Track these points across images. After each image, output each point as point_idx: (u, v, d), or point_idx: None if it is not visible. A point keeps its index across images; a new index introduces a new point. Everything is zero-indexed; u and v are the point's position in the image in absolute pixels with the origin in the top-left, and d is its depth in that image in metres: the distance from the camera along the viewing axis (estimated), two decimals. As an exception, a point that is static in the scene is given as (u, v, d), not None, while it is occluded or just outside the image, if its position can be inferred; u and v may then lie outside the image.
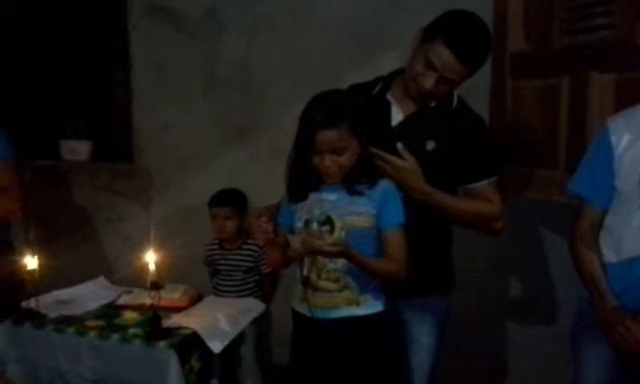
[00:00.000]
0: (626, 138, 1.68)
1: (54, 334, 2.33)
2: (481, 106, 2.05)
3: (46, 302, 2.48)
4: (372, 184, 1.75)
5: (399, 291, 1.83)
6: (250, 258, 2.93)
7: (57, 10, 3.53)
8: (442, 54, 1.72)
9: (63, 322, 2.38)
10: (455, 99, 1.90)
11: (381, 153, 1.77)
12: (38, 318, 2.39)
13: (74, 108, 3.53)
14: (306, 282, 1.75)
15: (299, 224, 1.77)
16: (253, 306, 2.66)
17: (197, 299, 2.66)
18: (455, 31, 1.73)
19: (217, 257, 2.97)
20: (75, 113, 3.51)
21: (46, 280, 2.49)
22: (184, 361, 2.19)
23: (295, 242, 1.65)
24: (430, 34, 1.76)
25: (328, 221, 1.72)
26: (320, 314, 1.77)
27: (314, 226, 1.69)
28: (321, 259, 1.73)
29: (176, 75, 3.20)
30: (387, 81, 1.96)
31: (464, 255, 2.08)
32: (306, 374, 1.85)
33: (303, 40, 2.89)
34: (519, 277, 2.69)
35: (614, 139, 1.70)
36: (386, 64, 2.31)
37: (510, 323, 2.73)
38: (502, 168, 1.98)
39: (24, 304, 2.41)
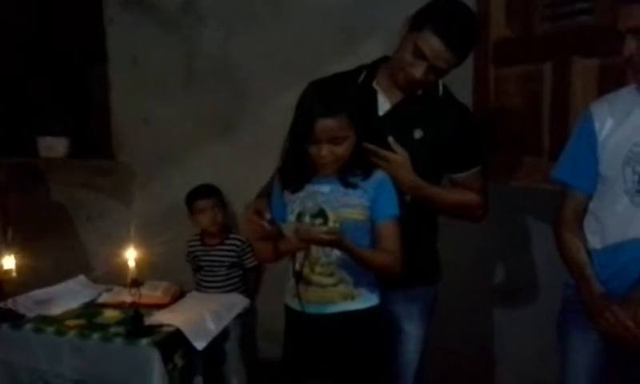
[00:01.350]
0: (609, 123, 1.67)
1: (33, 335, 2.29)
2: (463, 94, 2.03)
3: (25, 302, 2.44)
4: (366, 176, 1.72)
5: (387, 282, 1.81)
6: (233, 253, 2.90)
7: (31, 4, 3.47)
8: (432, 43, 1.70)
9: (42, 321, 2.34)
10: (441, 87, 1.88)
11: (373, 147, 1.75)
12: (16, 319, 2.34)
13: (51, 104, 3.47)
14: (299, 277, 1.71)
15: (291, 217, 1.72)
16: (237, 302, 2.63)
17: (179, 296, 2.62)
18: (445, 19, 1.71)
19: (199, 253, 2.94)
20: (51, 109, 3.45)
21: (25, 279, 2.46)
22: (167, 359, 2.16)
23: (288, 230, 1.61)
24: (418, 23, 1.74)
25: (321, 213, 1.69)
26: (314, 309, 1.73)
27: (307, 218, 1.66)
28: (314, 253, 1.69)
29: (154, 69, 3.15)
30: (371, 69, 1.93)
31: (449, 244, 2.06)
32: (299, 370, 1.81)
33: (284, 31, 2.86)
34: (505, 265, 2.69)
35: (597, 124, 1.69)
36: (369, 53, 2.27)
37: (497, 311, 2.74)
38: (486, 156, 1.97)
39: (1, 304, 2.36)
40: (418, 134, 1.84)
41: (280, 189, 1.79)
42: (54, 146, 3.40)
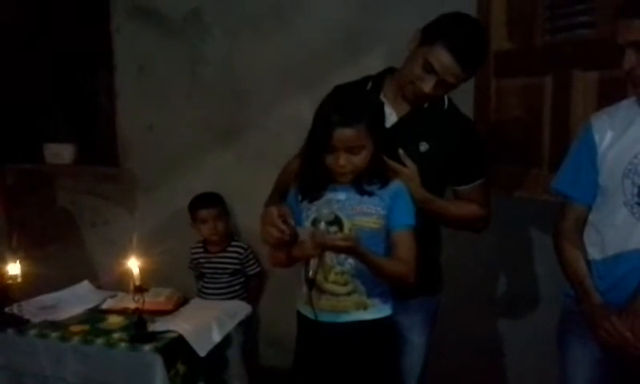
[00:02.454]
0: (609, 136, 1.68)
1: (37, 340, 2.30)
2: (464, 106, 2.05)
3: (30, 308, 2.46)
4: (383, 184, 1.72)
5: (397, 291, 1.81)
6: (235, 261, 2.92)
7: (39, 12, 3.50)
8: (443, 58, 1.71)
9: (47, 327, 2.35)
10: (446, 101, 1.90)
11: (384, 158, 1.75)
12: (21, 324, 2.36)
13: (57, 111, 3.50)
14: (312, 284, 1.69)
15: (307, 223, 1.72)
16: (239, 309, 2.64)
17: (182, 302, 2.64)
18: (457, 35, 1.72)
19: (202, 260, 2.96)
20: (58, 116, 3.48)
21: (30, 285, 2.47)
22: (169, 365, 2.17)
23: (304, 234, 1.61)
24: (429, 37, 1.75)
25: (336, 221, 1.68)
26: (326, 317, 1.72)
27: (322, 225, 1.65)
28: (328, 260, 1.69)
29: (160, 77, 3.18)
30: (377, 80, 1.94)
31: (451, 253, 2.08)
32: (309, 377, 1.80)
33: (288, 41, 2.88)
34: (506, 275, 2.70)
35: (597, 136, 1.70)
36: (371, 64, 2.31)
37: (498, 321, 2.74)
38: (488, 168, 1.99)
39: (7, 310, 2.38)
40: (423, 147, 1.85)
41: (296, 195, 1.79)
42: (60, 153, 3.43)
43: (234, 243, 2.95)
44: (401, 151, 1.79)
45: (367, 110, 1.67)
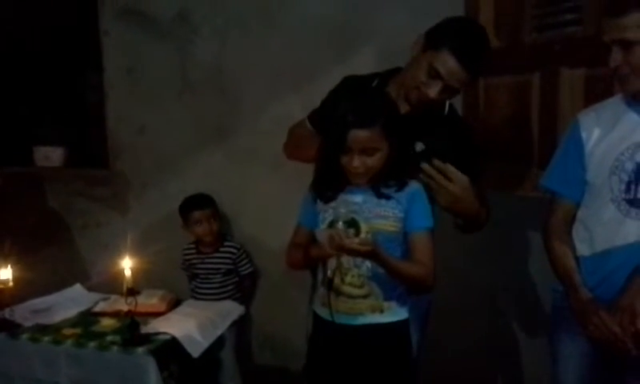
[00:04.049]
0: (596, 133, 1.70)
1: (29, 344, 2.29)
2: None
3: (21, 312, 2.44)
4: (400, 186, 1.70)
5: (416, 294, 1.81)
6: (228, 261, 2.92)
7: (27, 14, 3.48)
8: (449, 64, 1.71)
9: (39, 331, 2.34)
10: (447, 105, 1.90)
11: (427, 167, 1.74)
12: (13, 328, 2.35)
13: (47, 114, 3.49)
14: (330, 285, 1.69)
15: (323, 226, 1.70)
16: (232, 309, 2.64)
17: (175, 304, 2.63)
18: (462, 40, 1.72)
19: (194, 261, 2.95)
20: (48, 118, 3.47)
21: (22, 289, 2.46)
22: (163, 366, 2.16)
23: (322, 237, 1.59)
24: (434, 42, 1.74)
25: (353, 224, 1.66)
26: (343, 319, 1.71)
27: (340, 225, 1.62)
28: (345, 263, 1.68)
29: (149, 78, 3.18)
30: (383, 79, 1.94)
31: (443, 251, 2.08)
32: (324, 377, 1.80)
33: (277, 40, 2.88)
34: (498, 272, 2.71)
35: (584, 134, 1.72)
36: (361, 63, 2.32)
37: (490, 317, 2.76)
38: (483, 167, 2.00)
39: (-1, 314, 2.37)
40: (419, 146, 1.85)
41: (312, 197, 1.78)
42: (50, 156, 3.42)
43: (226, 243, 2.95)
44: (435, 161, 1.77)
45: (383, 112, 1.65)
